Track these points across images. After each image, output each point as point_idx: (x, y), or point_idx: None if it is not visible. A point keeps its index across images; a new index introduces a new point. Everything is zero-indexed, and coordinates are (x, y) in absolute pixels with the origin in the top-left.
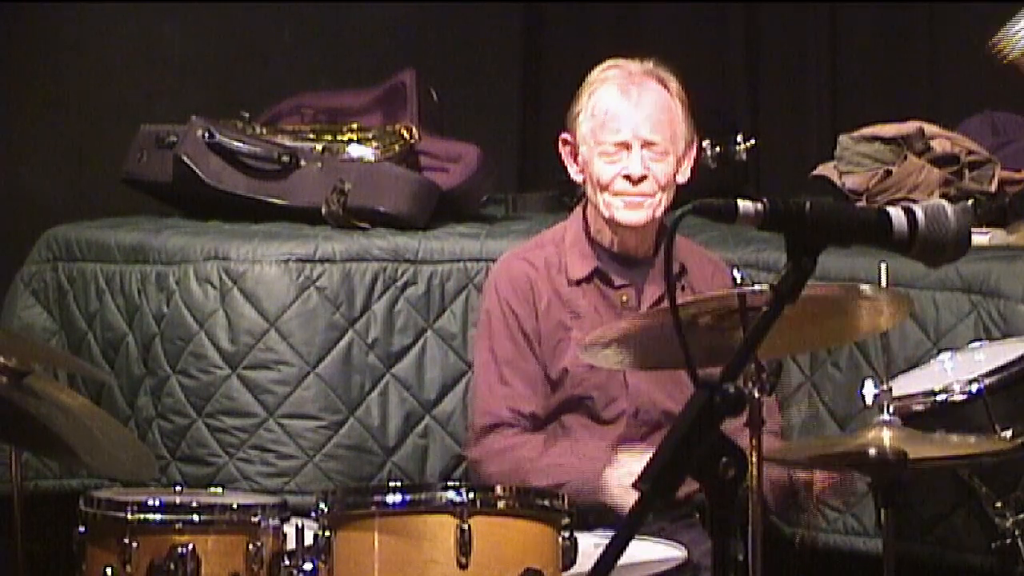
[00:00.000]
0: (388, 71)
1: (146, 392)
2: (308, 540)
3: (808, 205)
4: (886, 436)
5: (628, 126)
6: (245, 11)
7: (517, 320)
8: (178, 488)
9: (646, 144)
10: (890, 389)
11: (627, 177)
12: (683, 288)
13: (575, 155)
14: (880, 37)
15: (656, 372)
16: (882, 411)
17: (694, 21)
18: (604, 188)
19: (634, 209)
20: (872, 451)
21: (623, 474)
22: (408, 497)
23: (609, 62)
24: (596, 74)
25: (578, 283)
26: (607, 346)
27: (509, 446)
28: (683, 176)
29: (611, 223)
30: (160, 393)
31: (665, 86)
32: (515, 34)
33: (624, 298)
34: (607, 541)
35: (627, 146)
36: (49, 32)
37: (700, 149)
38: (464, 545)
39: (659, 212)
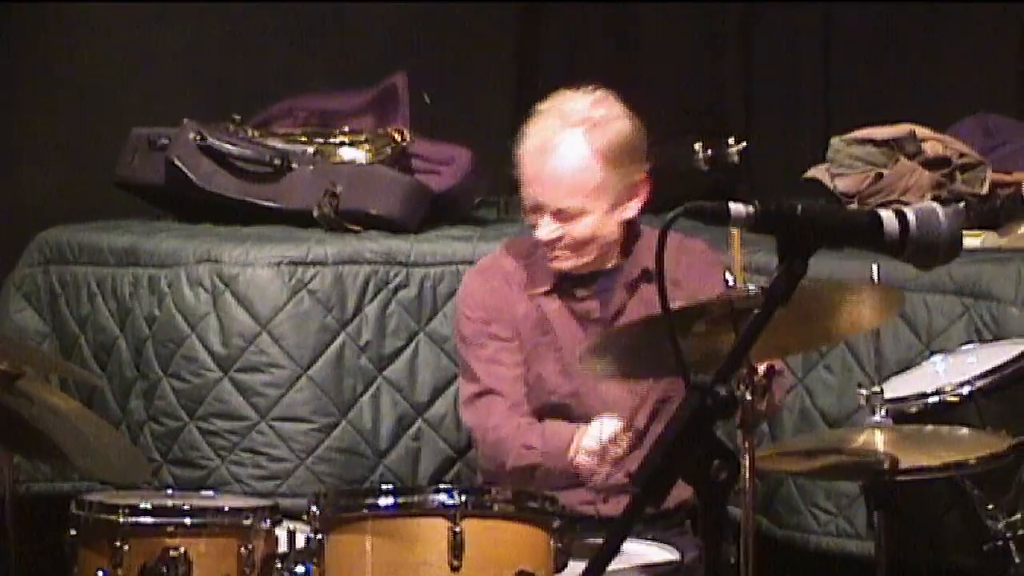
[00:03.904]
0: (380, 74)
1: (138, 395)
2: (300, 543)
3: (799, 207)
4: (878, 440)
5: (537, 192)
6: (237, 14)
7: (490, 333)
8: (170, 491)
9: (556, 211)
10: (882, 391)
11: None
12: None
13: None
14: (873, 39)
15: (633, 382)
16: (874, 413)
17: (688, 24)
18: (533, 232)
19: (561, 261)
20: (865, 459)
21: (591, 438)
22: (400, 500)
23: (549, 100)
24: (535, 111)
25: (544, 295)
26: (603, 355)
27: (495, 425)
28: (629, 214)
29: None
30: (152, 396)
31: (590, 137)
32: (508, 36)
33: (588, 309)
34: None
35: (540, 209)
36: (41, 34)
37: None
38: (456, 548)
39: (588, 259)
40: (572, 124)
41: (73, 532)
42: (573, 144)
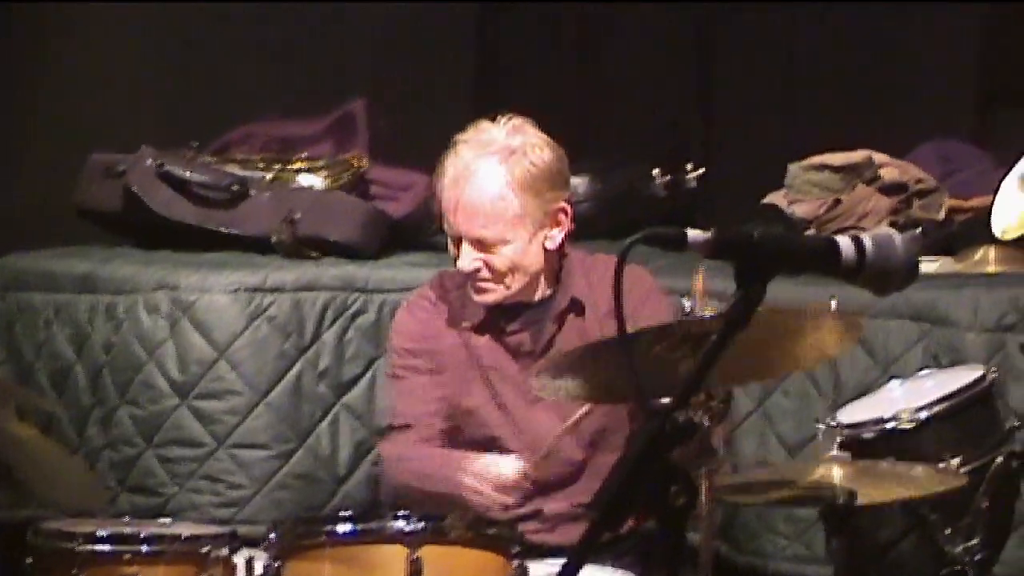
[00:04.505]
0: (338, 100)
1: (95, 422)
2: (258, 571)
3: (757, 234)
4: (836, 474)
5: (456, 222)
6: (193, 40)
7: (411, 366)
8: (127, 518)
9: (475, 241)
10: (839, 424)
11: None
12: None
13: None
14: (831, 66)
15: (562, 411)
16: (832, 446)
17: (647, 52)
18: (455, 263)
19: (481, 294)
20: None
21: (481, 466)
22: (359, 527)
23: (465, 131)
24: (452, 143)
25: (473, 329)
26: (557, 377)
27: (401, 456)
28: (552, 243)
29: None
30: (109, 423)
31: (507, 166)
32: (468, 61)
33: (519, 342)
34: (559, 570)
35: (460, 240)
36: None
37: (573, 205)
38: (415, 575)
39: (512, 291)
40: (488, 153)
41: (30, 560)
42: (489, 173)
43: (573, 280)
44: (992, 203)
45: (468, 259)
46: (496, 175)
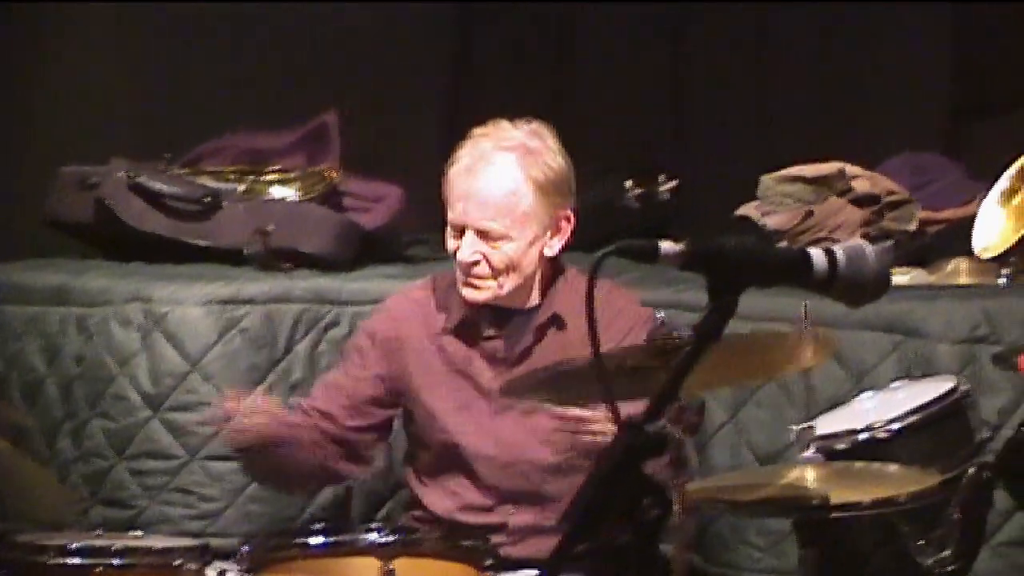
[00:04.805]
0: (310, 112)
1: (66, 435)
2: None
3: (729, 246)
4: (809, 476)
5: (463, 210)
6: (166, 52)
7: (364, 359)
8: (99, 531)
9: (480, 232)
10: (813, 427)
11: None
12: (555, 336)
13: None
14: (803, 77)
15: (531, 422)
16: (805, 449)
17: (619, 63)
18: (452, 256)
19: (471, 288)
20: (795, 495)
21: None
22: (331, 539)
23: (485, 126)
24: (470, 135)
25: (450, 332)
26: (529, 388)
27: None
28: (550, 250)
29: None
30: (80, 436)
31: (523, 164)
32: (439, 73)
33: (494, 348)
34: None
35: (463, 229)
36: None
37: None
38: None
39: (503, 291)
40: (506, 148)
41: (1, 573)
42: (506, 165)
43: (560, 295)
44: (964, 214)
45: (469, 250)
46: (513, 169)
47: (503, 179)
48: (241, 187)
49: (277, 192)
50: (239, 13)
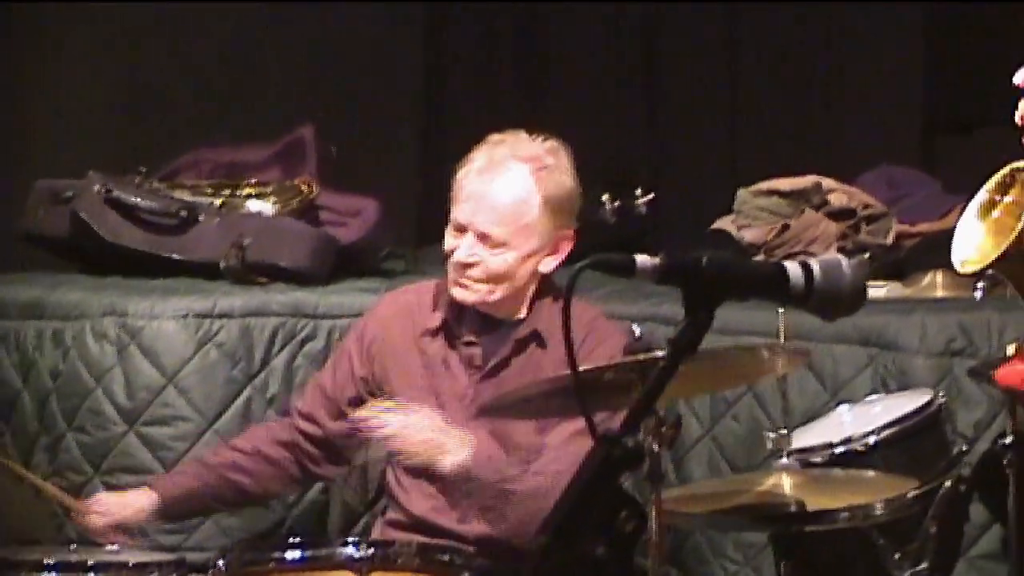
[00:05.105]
0: (287, 126)
1: (42, 449)
2: None
3: (705, 259)
4: (786, 483)
5: (468, 210)
6: (141, 65)
7: (349, 361)
8: (74, 546)
9: (481, 235)
10: (789, 434)
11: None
12: (535, 352)
13: None
14: (779, 91)
15: (501, 431)
16: (781, 457)
17: (594, 77)
18: (446, 256)
19: (461, 289)
20: (772, 502)
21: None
22: (307, 553)
23: (504, 134)
24: (487, 139)
25: (431, 333)
26: (509, 406)
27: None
28: (545, 267)
29: None
30: (56, 450)
31: (537, 177)
32: (416, 88)
33: (471, 355)
34: None
35: (464, 229)
36: None
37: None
38: None
39: (492, 298)
40: (522, 159)
41: None
42: (520, 175)
43: (544, 312)
44: (940, 228)
45: (466, 251)
46: (526, 180)
47: (514, 187)
48: (217, 201)
49: (253, 206)
50: (216, 27)
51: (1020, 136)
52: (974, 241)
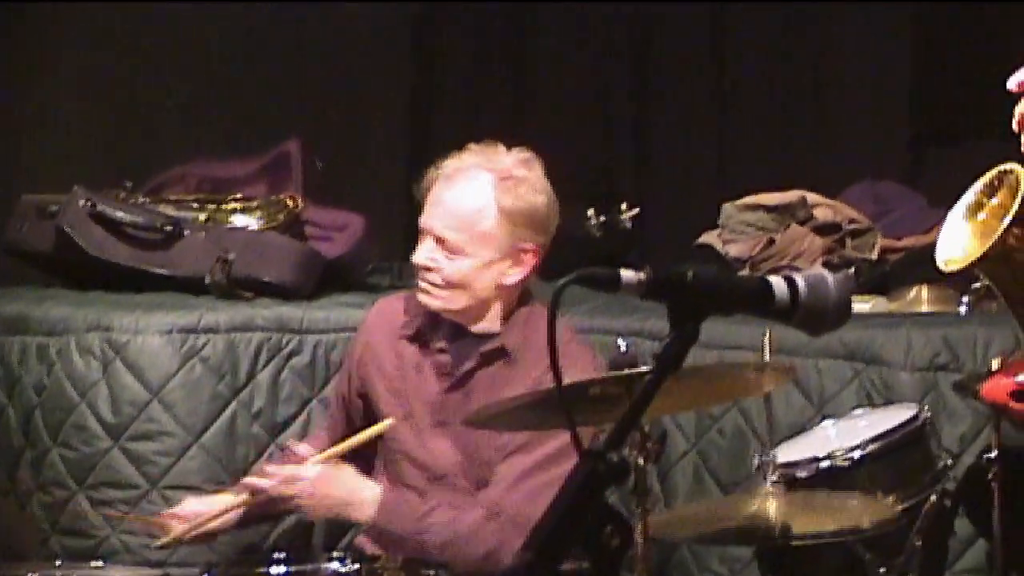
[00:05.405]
0: (273, 140)
1: (26, 465)
2: None
3: (690, 274)
4: (771, 507)
5: (428, 213)
6: (127, 79)
7: (346, 375)
8: (58, 562)
9: (438, 240)
10: (774, 457)
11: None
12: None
13: None
14: (764, 106)
15: (463, 440)
16: (767, 479)
17: (580, 91)
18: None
19: (423, 293)
20: (757, 526)
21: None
22: (293, 568)
23: (480, 144)
24: (462, 149)
25: (408, 338)
26: (493, 418)
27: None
28: (509, 280)
29: None
30: (40, 465)
31: (500, 187)
32: (403, 102)
33: (442, 362)
34: None
35: (425, 232)
36: None
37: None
38: None
39: (453, 306)
40: (490, 168)
41: None
42: (482, 184)
43: (515, 328)
44: (925, 242)
45: (424, 254)
46: (487, 189)
47: (473, 195)
48: (203, 216)
49: (239, 220)
50: (201, 41)
51: (1019, 140)
52: (960, 242)
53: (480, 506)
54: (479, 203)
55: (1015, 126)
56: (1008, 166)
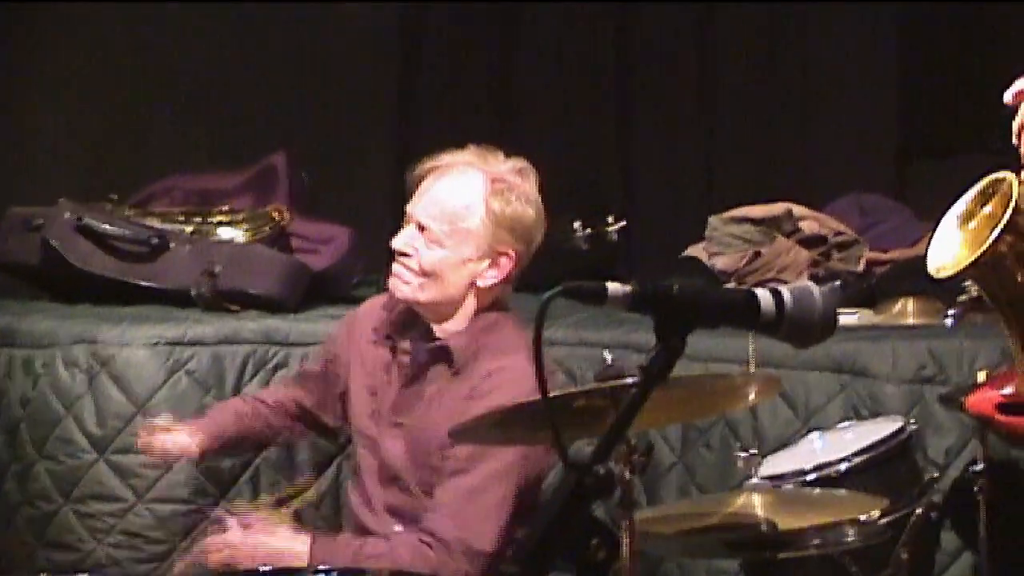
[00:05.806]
0: (259, 153)
1: (12, 478)
2: None
3: (676, 287)
4: (756, 502)
5: (415, 201)
6: (113, 92)
7: (324, 357)
8: (44, 575)
9: (420, 226)
10: (759, 453)
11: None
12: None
13: None
14: (751, 119)
15: (412, 441)
16: (752, 476)
17: (567, 103)
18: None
19: (395, 279)
20: (743, 522)
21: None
22: None
23: (479, 147)
24: (462, 147)
25: (379, 335)
26: (477, 430)
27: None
28: (483, 281)
29: None
30: (26, 478)
31: (491, 189)
32: (388, 114)
33: (402, 361)
34: None
35: (409, 218)
36: None
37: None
38: None
39: (422, 296)
40: (484, 169)
41: None
42: (473, 182)
43: (468, 332)
44: (911, 255)
45: (403, 239)
46: (477, 188)
47: (464, 191)
48: (189, 228)
49: (225, 233)
50: (187, 53)
51: (1018, 151)
52: (951, 250)
53: (415, 534)
54: (467, 200)
55: (1014, 138)
56: (1001, 174)
